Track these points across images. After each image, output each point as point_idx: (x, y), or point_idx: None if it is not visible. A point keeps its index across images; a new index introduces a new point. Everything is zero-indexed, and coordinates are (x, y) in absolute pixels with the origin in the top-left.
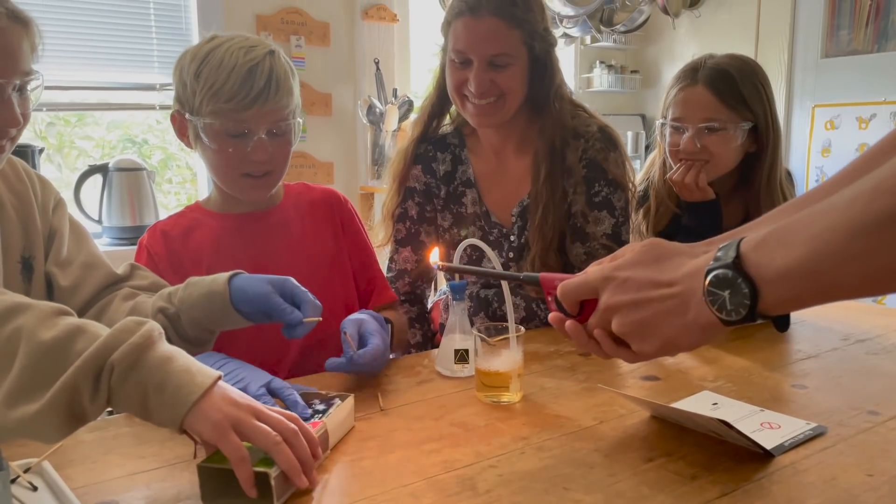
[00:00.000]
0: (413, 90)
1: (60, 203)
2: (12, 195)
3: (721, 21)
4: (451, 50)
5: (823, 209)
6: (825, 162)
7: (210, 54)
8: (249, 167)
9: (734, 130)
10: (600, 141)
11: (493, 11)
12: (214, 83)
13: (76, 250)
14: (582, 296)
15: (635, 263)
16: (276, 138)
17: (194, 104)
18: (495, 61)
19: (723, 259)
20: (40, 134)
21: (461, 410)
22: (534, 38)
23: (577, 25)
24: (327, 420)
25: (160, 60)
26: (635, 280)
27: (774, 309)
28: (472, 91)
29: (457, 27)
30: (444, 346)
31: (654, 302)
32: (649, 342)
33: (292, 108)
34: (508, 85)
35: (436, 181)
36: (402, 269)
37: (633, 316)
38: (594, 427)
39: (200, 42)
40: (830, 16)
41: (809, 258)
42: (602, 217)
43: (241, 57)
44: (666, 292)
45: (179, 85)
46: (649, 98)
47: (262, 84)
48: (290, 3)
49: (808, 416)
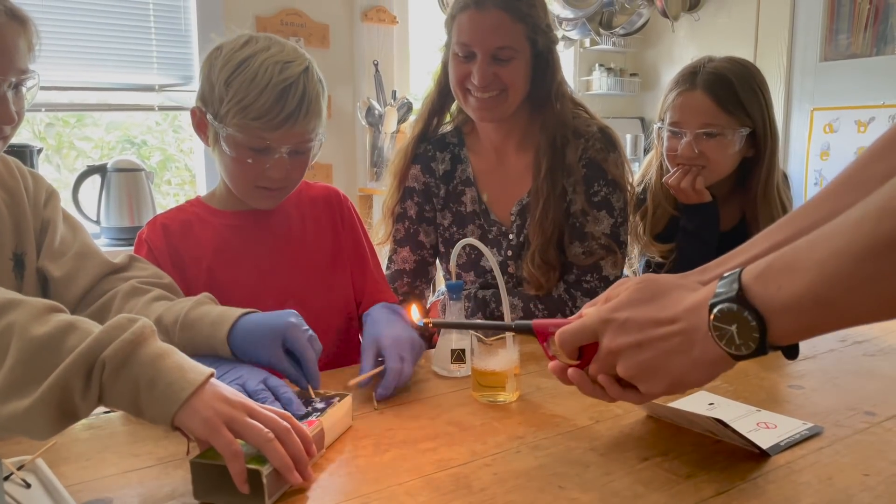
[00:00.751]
0: (412, 92)
1: (53, 195)
2: (3, 191)
3: (720, 24)
4: (455, 43)
5: (827, 233)
6: (824, 165)
7: (244, 64)
8: (265, 181)
9: (732, 136)
10: (600, 141)
11: (498, 5)
12: (245, 97)
13: (70, 241)
14: (581, 341)
15: (633, 302)
16: (296, 156)
17: (220, 111)
18: (499, 55)
19: (726, 292)
20: (39, 134)
21: (457, 410)
22: (537, 33)
23: (577, 28)
24: (324, 419)
25: (159, 61)
26: (635, 320)
27: (785, 339)
28: (476, 84)
29: (461, 20)
30: (441, 345)
31: (658, 341)
32: (657, 382)
33: (318, 128)
34: (511, 79)
35: (435, 180)
36: (400, 268)
37: (638, 357)
38: (590, 426)
39: (234, 44)
40: (829, 19)
41: (817, 285)
42: (601, 217)
43: (276, 74)
44: (668, 330)
45: (206, 84)
46: (648, 101)
47: (293, 106)
48: (289, 5)
49: (805, 417)
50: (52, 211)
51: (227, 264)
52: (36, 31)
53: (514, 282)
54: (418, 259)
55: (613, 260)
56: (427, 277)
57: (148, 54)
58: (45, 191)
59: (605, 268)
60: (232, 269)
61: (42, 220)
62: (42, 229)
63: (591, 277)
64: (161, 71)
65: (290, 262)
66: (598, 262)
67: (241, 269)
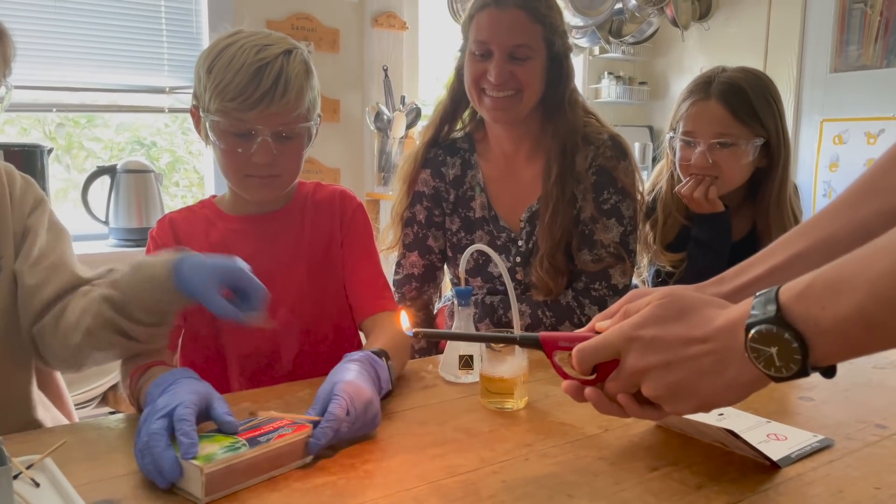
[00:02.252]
0: (421, 98)
1: (41, 203)
2: None
3: (730, 34)
4: (472, 41)
5: (872, 251)
6: (833, 176)
7: (224, 50)
8: (253, 169)
9: (746, 146)
10: (611, 149)
11: (518, 4)
12: (222, 80)
13: (49, 251)
14: (602, 358)
15: (658, 319)
16: (284, 142)
17: (205, 100)
18: (516, 53)
19: (763, 312)
20: (50, 134)
21: (465, 416)
22: (554, 35)
23: (586, 36)
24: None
25: (170, 64)
26: (663, 339)
27: (827, 360)
28: (492, 82)
29: (480, 19)
30: (449, 351)
31: (688, 361)
32: (685, 403)
33: (302, 111)
34: (527, 79)
35: (445, 185)
36: (409, 273)
37: (667, 378)
38: (599, 435)
39: (221, 36)
40: (840, 31)
41: (866, 306)
42: (610, 224)
43: (252, 56)
44: (700, 349)
45: (196, 79)
46: (657, 109)
47: (268, 85)
48: (300, 9)
49: (815, 429)
50: (36, 219)
51: None
52: (12, 44)
53: (522, 288)
54: (427, 264)
55: (622, 268)
56: (435, 282)
57: (159, 57)
58: (33, 198)
59: (614, 276)
60: None
61: (24, 227)
62: (23, 235)
63: (599, 285)
64: (172, 73)
65: (286, 267)
66: (607, 269)
67: None
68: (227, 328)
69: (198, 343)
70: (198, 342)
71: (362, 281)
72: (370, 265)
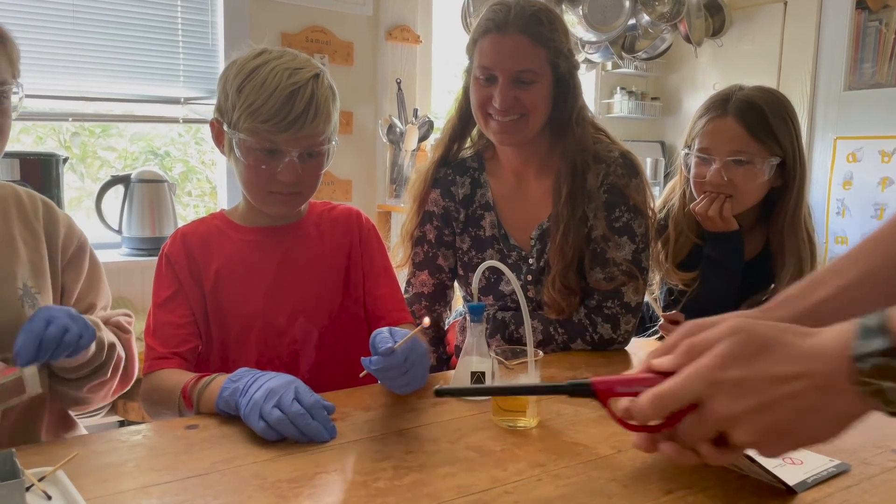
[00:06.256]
0: (434, 111)
1: (81, 248)
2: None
3: (743, 51)
4: (476, 67)
5: None
6: (846, 194)
7: (255, 71)
8: (278, 186)
9: (762, 165)
10: (622, 167)
11: (520, 29)
12: (254, 102)
13: (79, 298)
14: (681, 406)
15: (741, 358)
16: (308, 161)
17: (233, 118)
18: (521, 77)
19: (872, 344)
20: (65, 143)
21: (477, 434)
22: (559, 57)
23: (599, 51)
24: None
25: (185, 75)
26: (752, 380)
27: None
28: (497, 107)
29: (483, 44)
30: (461, 367)
31: (785, 400)
32: (785, 444)
33: (328, 133)
34: (532, 102)
35: (455, 204)
36: (418, 291)
37: (763, 422)
38: (612, 456)
39: (248, 55)
40: (854, 49)
41: None
42: (622, 243)
43: (285, 79)
44: (797, 387)
45: (222, 95)
46: (669, 125)
47: (301, 109)
48: (315, 22)
49: (831, 453)
50: (76, 265)
51: (241, 279)
52: (16, 46)
53: (534, 305)
54: (437, 283)
55: (635, 286)
56: (445, 301)
57: (175, 68)
58: (76, 240)
59: (627, 294)
60: (246, 283)
61: (63, 269)
62: (61, 277)
63: (612, 303)
64: (187, 84)
65: (304, 280)
66: (620, 287)
67: (255, 285)
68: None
69: (213, 353)
70: (213, 352)
71: (385, 295)
72: (390, 280)
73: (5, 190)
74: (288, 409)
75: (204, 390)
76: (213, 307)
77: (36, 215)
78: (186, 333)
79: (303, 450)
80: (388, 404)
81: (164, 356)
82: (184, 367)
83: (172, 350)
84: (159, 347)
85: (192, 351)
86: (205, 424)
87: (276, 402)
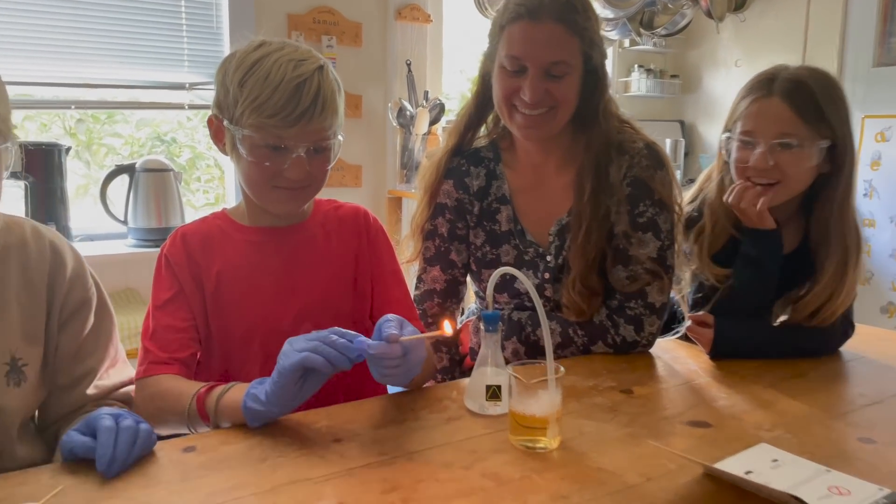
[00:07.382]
0: (445, 92)
1: (83, 306)
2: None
3: (767, 26)
4: (503, 56)
5: None
6: (874, 175)
7: (257, 64)
8: (284, 182)
9: (810, 148)
10: (647, 158)
11: (555, 17)
12: (259, 96)
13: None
14: None
15: None
16: (315, 156)
17: (235, 113)
18: (553, 70)
19: None
20: (69, 130)
21: (493, 458)
22: (592, 48)
23: (617, 28)
24: None
25: (190, 60)
26: None
27: None
28: (526, 100)
29: (512, 32)
30: (475, 380)
31: None
32: None
33: (335, 127)
34: (563, 95)
35: (469, 196)
36: (430, 288)
37: None
38: (641, 485)
39: (247, 48)
40: (883, 23)
41: None
42: (647, 239)
43: (290, 72)
44: None
45: (221, 90)
46: (689, 104)
47: (308, 102)
48: (322, 3)
49: (880, 479)
50: (77, 323)
51: (245, 280)
52: (7, 104)
53: (552, 305)
54: (449, 279)
55: (660, 285)
56: (458, 297)
57: (179, 52)
58: (80, 295)
59: (651, 294)
60: (250, 285)
61: (59, 326)
62: (57, 336)
63: (635, 304)
64: (192, 69)
65: (310, 282)
66: (644, 287)
67: (259, 286)
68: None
69: (214, 359)
70: (213, 358)
71: (395, 299)
72: (399, 284)
73: (13, 234)
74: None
75: (221, 398)
76: (215, 311)
77: (41, 266)
78: (187, 338)
79: (306, 479)
80: (397, 420)
81: (163, 361)
82: (183, 373)
83: (172, 355)
84: (158, 351)
85: (192, 357)
86: (203, 447)
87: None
